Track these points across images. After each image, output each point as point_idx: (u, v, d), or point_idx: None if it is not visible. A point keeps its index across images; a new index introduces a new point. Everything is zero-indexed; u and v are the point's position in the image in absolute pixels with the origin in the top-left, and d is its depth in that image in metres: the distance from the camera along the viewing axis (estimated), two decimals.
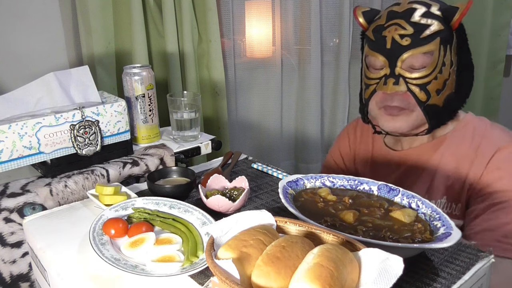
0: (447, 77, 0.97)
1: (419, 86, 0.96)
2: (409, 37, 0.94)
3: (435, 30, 0.94)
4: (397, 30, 0.96)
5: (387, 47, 0.97)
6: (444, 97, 0.98)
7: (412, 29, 0.94)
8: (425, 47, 0.94)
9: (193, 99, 1.14)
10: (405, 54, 0.95)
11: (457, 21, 0.95)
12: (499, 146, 0.95)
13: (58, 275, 0.68)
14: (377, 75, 0.99)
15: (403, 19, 0.96)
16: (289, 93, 1.82)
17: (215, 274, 0.52)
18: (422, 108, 0.97)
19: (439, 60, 0.95)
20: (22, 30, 1.25)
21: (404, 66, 0.96)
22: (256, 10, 1.69)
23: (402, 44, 0.95)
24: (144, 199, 0.83)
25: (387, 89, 0.97)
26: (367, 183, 0.82)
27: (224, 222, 0.62)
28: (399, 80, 0.96)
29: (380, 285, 0.50)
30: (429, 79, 0.95)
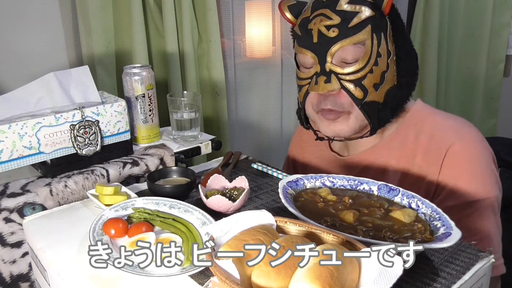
0: (385, 69, 0.87)
1: (353, 82, 0.86)
2: (336, 27, 0.85)
3: (364, 17, 0.85)
4: (323, 21, 0.86)
5: (314, 41, 0.87)
6: (384, 91, 0.88)
7: (339, 18, 0.85)
8: (355, 37, 0.85)
9: (193, 99, 1.14)
10: (333, 47, 0.85)
11: (387, 4, 0.85)
12: (449, 143, 0.87)
13: (58, 275, 0.68)
14: (308, 74, 0.91)
15: (328, 8, 0.86)
16: (289, 93, 1.82)
17: (215, 274, 0.52)
18: (360, 107, 0.88)
19: (372, 50, 0.86)
20: (22, 30, 1.25)
21: (335, 60, 0.87)
22: (256, 10, 1.69)
23: (329, 36, 0.85)
24: (144, 199, 0.83)
25: (319, 89, 0.88)
26: (367, 183, 0.82)
27: (224, 222, 0.62)
28: (331, 77, 0.87)
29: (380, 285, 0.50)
30: (363, 72, 0.86)
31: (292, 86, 1.82)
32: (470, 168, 0.86)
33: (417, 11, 1.99)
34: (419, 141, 0.91)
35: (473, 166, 0.87)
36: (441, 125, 0.91)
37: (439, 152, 0.88)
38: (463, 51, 2.17)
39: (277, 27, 1.72)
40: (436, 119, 0.93)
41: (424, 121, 0.93)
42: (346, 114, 0.90)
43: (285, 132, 1.86)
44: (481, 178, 0.87)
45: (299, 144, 1.16)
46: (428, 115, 0.94)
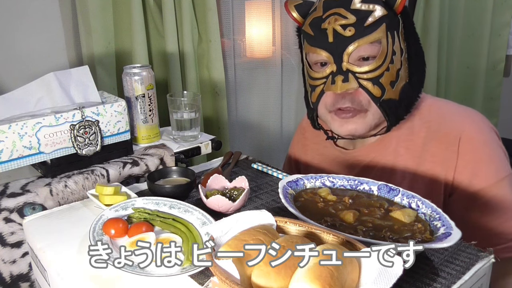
0: (399, 67, 0.88)
1: (371, 81, 0.86)
2: (352, 26, 0.84)
3: (379, 15, 0.85)
4: (338, 20, 0.85)
5: (329, 41, 0.87)
6: (399, 89, 0.89)
7: (354, 17, 0.84)
8: (372, 36, 0.85)
9: (193, 99, 1.13)
10: (350, 47, 0.85)
11: (400, 4, 0.85)
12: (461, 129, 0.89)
13: (58, 275, 0.68)
14: (323, 73, 0.90)
15: (342, 8, 0.86)
16: (289, 93, 1.82)
17: (215, 274, 0.52)
18: (378, 105, 0.88)
19: (388, 49, 0.86)
20: (22, 30, 1.25)
21: (352, 59, 0.86)
22: (256, 10, 1.69)
23: (345, 36, 0.85)
24: (144, 199, 0.83)
25: (337, 89, 0.87)
26: (367, 183, 0.82)
27: (224, 222, 0.62)
28: (348, 76, 0.86)
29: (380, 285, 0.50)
30: (381, 71, 0.86)
31: (292, 86, 1.82)
32: (487, 151, 0.89)
33: (417, 11, 1.99)
34: (429, 129, 0.92)
35: (489, 149, 0.89)
36: (449, 112, 0.94)
37: (452, 137, 0.89)
38: (463, 51, 2.17)
39: (277, 27, 1.72)
40: (442, 106, 0.95)
41: (430, 109, 0.95)
42: (363, 112, 0.90)
43: (285, 132, 1.86)
44: (498, 158, 0.90)
45: (302, 142, 1.16)
46: (433, 103, 0.96)
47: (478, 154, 0.88)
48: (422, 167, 0.92)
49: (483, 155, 0.88)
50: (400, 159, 0.94)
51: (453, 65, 2.15)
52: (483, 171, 0.87)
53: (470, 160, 0.88)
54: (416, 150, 0.93)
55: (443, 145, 0.90)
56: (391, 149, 0.96)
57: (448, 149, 0.89)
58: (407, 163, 0.93)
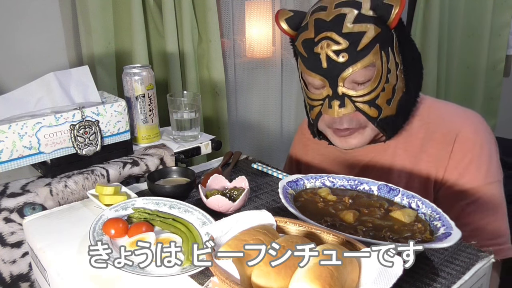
0: (395, 82, 0.88)
1: (367, 103, 0.87)
2: (345, 52, 0.83)
3: (372, 36, 0.83)
4: (330, 45, 0.84)
5: (323, 67, 0.86)
6: (396, 103, 0.89)
7: (347, 42, 0.83)
8: (365, 60, 0.84)
9: (193, 99, 1.13)
10: (344, 73, 0.85)
11: (394, 20, 0.84)
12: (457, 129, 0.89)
13: (58, 275, 0.68)
14: (319, 96, 0.90)
15: (333, 31, 0.84)
16: (289, 93, 1.82)
17: (215, 274, 0.52)
18: (376, 124, 0.89)
19: (383, 70, 0.86)
20: (22, 30, 1.25)
21: (347, 84, 0.87)
22: (256, 10, 1.69)
23: (339, 62, 0.84)
24: (144, 199, 0.83)
25: (334, 113, 0.88)
26: (367, 183, 0.82)
27: (224, 222, 0.62)
28: (345, 100, 0.87)
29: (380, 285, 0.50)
30: (376, 93, 0.86)
31: (292, 86, 1.82)
32: (479, 153, 0.89)
33: (417, 11, 1.99)
34: (427, 130, 0.93)
35: (482, 151, 0.89)
36: (448, 113, 0.94)
37: (449, 138, 0.90)
38: (463, 51, 2.17)
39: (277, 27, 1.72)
40: (440, 107, 0.96)
41: (428, 110, 0.95)
42: (362, 129, 0.92)
43: (285, 132, 1.86)
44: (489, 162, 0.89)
45: (303, 142, 1.16)
46: (431, 104, 0.97)
47: (469, 155, 0.88)
48: (418, 167, 0.92)
49: (474, 157, 0.88)
50: (398, 159, 0.95)
51: (453, 65, 2.15)
52: (472, 173, 0.88)
53: (461, 160, 0.88)
54: (413, 150, 0.94)
55: (440, 145, 0.91)
56: (390, 150, 0.97)
57: (443, 149, 0.90)
58: (404, 163, 0.94)
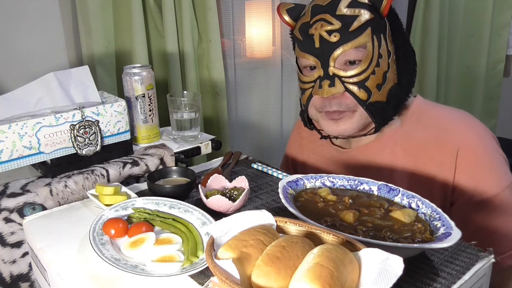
0: (386, 69, 0.89)
1: (357, 85, 0.88)
2: (337, 32, 0.87)
3: (364, 20, 0.86)
4: (323, 26, 0.87)
5: (316, 46, 0.89)
6: (386, 91, 0.90)
7: (340, 22, 0.86)
8: (356, 41, 0.87)
9: (193, 99, 1.14)
10: (336, 52, 0.87)
11: (386, 6, 0.86)
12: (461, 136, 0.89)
13: (58, 275, 0.68)
14: (311, 77, 0.92)
15: (328, 13, 0.88)
16: (289, 93, 1.82)
17: (215, 274, 0.52)
18: (365, 108, 0.90)
19: (374, 53, 0.88)
20: (22, 30, 1.25)
21: (338, 64, 0.89)
22: (256, 10, 1.69)
23: (331, 41, 0.87)
24: (144, 199, 0.83)
25: (323, 93, 0.89)
26: (367, 183, 0.82)
27: (224, 222, 0.62)
28: (335, 80, 0.89)
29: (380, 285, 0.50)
30: (366, 74, 0.87)
31: (292, 86, 1.83)
32: (489, 160, 0.89)
33: (417, 11, 1.99)
34: (427, 133, 0.92)
35: (490, 157, 0.89)
36: (448, 117, 0.94)
37: (451, 143, 0.89)
38: (463, 51, 2.17)
39: (277, 27, 1.72)
40: (440, 111, 0.96)
41: (428, 114, 0.95)
42: (350, 113, 0.92)
43: (285, 132, 1.86)
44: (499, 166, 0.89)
45: (298, 141, 1.16)
46: (431, 108, 0.97)
47: (479, 164, 0.88)
48: (420, 170, 0.92)
49: (484, 164, 0.88)
50: (399, 161, 0.94)
51: (453, 65, 2.15)
52: (486, 181, 0.87)
53: (472, 170, 0.88)
54: (414, 151, 0.93)
55: (441, 148, 0.90)
56: (388, 150, 0.96)
57: (445, 153, 0.89)
58: (406, 165, 0.93)
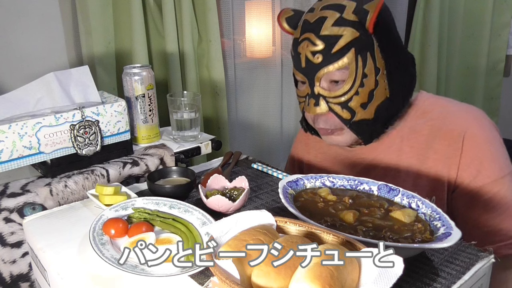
0: (373, 87, 0.89)
1: (340, 105, 0.89)
2: (320, 53, 0.87)
3: (347, 40, 0.85)
4: (309, 46, 0.88)
5: (302, 66, 0.91)
6: (374, 108, 0.90)
7: (323, 44, 0.87)
8: (339, 63, 0.87)
9: (193, 99, 1.14)
10: (318, 73, 0.88)
11: (370, 24, 0.85)
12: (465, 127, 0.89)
13: (58, 275, 0.68)
14: (302, 93, 0.95)
15: (313, 33, 0.88)
16: (289, 93, 1.82)
17: (215, 274, 0.52)
18: (348, 126, 0.91)
19: (357, 73, 0.87)
20: (22, 30, 1.25)
21: (323, 83, 0.90)
22: (256, 10, 1.69)
23: (314, 62, 0.88)
24: (144, 199, 0.83)
25: (310, 111, 0.93)
26: (367, 183, 0.82)
27: (224, 222, 0.62)
28: (319, 100, 0.90)
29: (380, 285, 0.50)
30: (348, 96, 0.88)
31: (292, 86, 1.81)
32: (490, 149, 0.89)
33: (417, 11, 1.99)
34: (433, 127, 0.93)
35: (492, 146, 0.90)
36: (452, 109, 0.94)
37: (456, 135, 0.90)
38: (463, 51, 2.17)
39: (277, 27, 1.72)
40: (444, 104, 0.96)
41: (433, 108, 0.95)
42: (339, 130, 0.94)
43: (285, 132, 1.86)
44: (501, 155, 0.90)
45: (304, 141, 1.16)
46: (435, 102, 0.97)
47: (481, 152, 0.89)
48: (425, 164, 0.92)
49: (486, 153, 0.89)
50: (404, 157, 0.95)
51: (453, 65, 2.15)
52: (487, 168, 0.88)
53: (474, 158, 0.88)
54: (420, 147, 0.93)
55: (446, 142, 0.90)
56: (394, 147, 0.97)
57: (451, 146, 0.90)
58: (411, 160, 0.94)
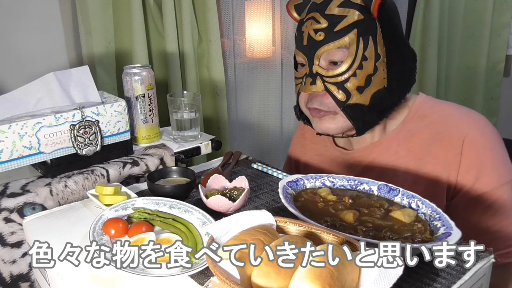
0: (372, 72, 0.87)
1: (336, 85, 0.88)
2: (322, 31, 0.87)
3: (352, 21, 0.86)
4: (312, 24, 0.88)
5: (304, 44, 0.91)
6: (370, 94, 0.88)
7: (327, 22, 0.87)
8: (340, 41, 0.86)
9: (193, 99, 1.14)
10: (319, 50, 0.88)
11: (374, 8, 0.85)
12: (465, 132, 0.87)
13: (58, 275, 0.68)
14: (300, 74, 0.94)
15: (318, 12, 0.88)
16: (289, 93, 1.82)
17: (215, 274, 0.52)
18: (342, 109, 0.89)
19: (357, 54, 0.86)
20: (22, 30, 1.25)
21: (322, 63, 0.89)
22: (256, 10, 1.69)
23: (316, 40, 0.88)
24: (144, 199, 0.83)
25: (305, 90, 0.91)
26: (367, 183, 0.82)
27: (224, 222, 0.62)
28: (316, 79, 0.89)
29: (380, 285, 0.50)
30: (346, 76, 0.87)
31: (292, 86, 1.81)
32: (491, 155, 0.88)
33: (417, 11, 1.99)
34: (431, 130, 0.91)
35: (493, 153, 0.88)
36: (451, 113, 0.92)
37: (455, 140, 0.88)
38: (463, 51, 2.17)
39: (277, 27, 1.72)
40: (444, 108, 0.94)
41: (432, 111, 0.94)
42: (332, 114, 0.92)
43: (285, 132, 1.86)
44: (501, 162, 0.89)
45: (301, 142, 1.16)
46: (435, 105, 0.96)
47: (481, 158, 0.87)
48: (424, 169, 0.91)
49: (486, 159, 0.87)
50: (402, 161, 0.94)
51: (453, 65, 2.15)
52: (486, 175, 0.87)
53: (473, 164, 0.87)
54: (418, 151, 0.92)
55: (446, 147, 0.89)
56: (392, 151, 0.95)
57: (450, 151, 0.88)
58: (409, 164, 0.93)
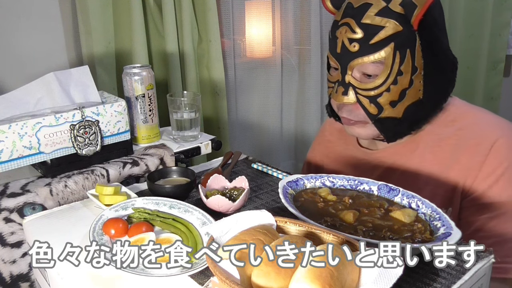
0: (407, 86, 0.85)
1: (368, 98, 0.86)
2: (357, 42, 0.83)
3: (388, 34, 0.82)
4: (347, 32, 0.85)
5: (337, 51, 0.87)
6: (404, 107, 0.86)
7: (362, 32, 0.83)
8: (375, 55, 0.83)
9: (193, 99, 1.14)
10: (353, 62, 0.85)
11: (415, 20, 0.81)
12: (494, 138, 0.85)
13: (58, 275, 0.68)
14: (333, 78, 0.91)
15: (354, 19, 0.84)
16: (289, 93, 1.82)
17: (215, 274, 0.52)
18: (373, 122, 0.88)
19: (392, 69, 0.83)
20: (22, 30, 1.25)
21: (355, 74, 0.86)
22: (256, 10, 1.69)
23: (350, 50, 0.85)
24: (144, 199, 0.83)
25: (337, 99, 0.89)
26: (367, 183, 0.82)
27: (224, 222, 0.62)
28: (348, 90, 0.87)
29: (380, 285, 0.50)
30: (379, 91, 0.85)
31: (292, 86, 1.83)
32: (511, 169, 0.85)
33: None
34: (461, 136, 0.89)
35: None
36: (483, 120, 0.90)
37: (483, 148, 0.85)
38: (463, 51, 2.17)
39: (277, 27, 1.72)
40: (476, 114, 0.92)
41: (464, 117, 0.91)
42: (362, 123, 0.91)
43: (285, 132, 1.86)
44: None
45: (324, 144, 1.14)
46: (468, 110, 0.93)
47: (502, 168, 0.84)
48: (446, 174, 0.88)
49: (507, 170, 0.84)
50: (426, 164, 0.91)
51: None
52: (501, 185, 0.84)
53: (492, 172, 0.84)
54: (443, 156, 0.89)
55: (472, 154, 0.86)
56: (417, 153, 0.93)
57: (476, 158, 0.86)
58: (433, 169, 0.90)
